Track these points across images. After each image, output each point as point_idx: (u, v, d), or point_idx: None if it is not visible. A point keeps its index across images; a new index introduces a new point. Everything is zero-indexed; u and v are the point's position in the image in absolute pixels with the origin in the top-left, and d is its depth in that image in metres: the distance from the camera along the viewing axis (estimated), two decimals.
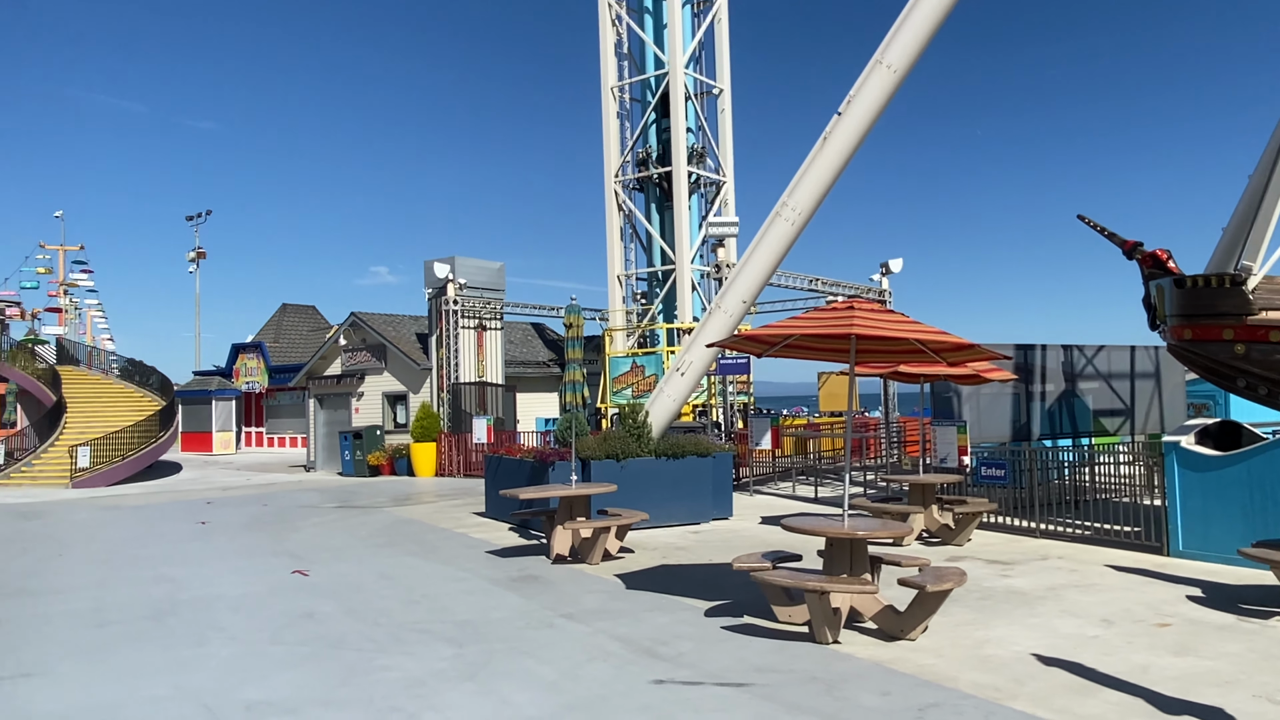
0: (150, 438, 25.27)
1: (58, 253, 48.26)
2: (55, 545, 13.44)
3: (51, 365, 31.77)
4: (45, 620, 8.58)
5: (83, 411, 27.77)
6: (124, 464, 24.10)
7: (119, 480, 23.87)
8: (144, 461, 25.00)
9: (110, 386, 31.46)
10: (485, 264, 27.39)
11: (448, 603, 9.04)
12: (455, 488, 21.21)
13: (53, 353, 34.98)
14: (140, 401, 29.76)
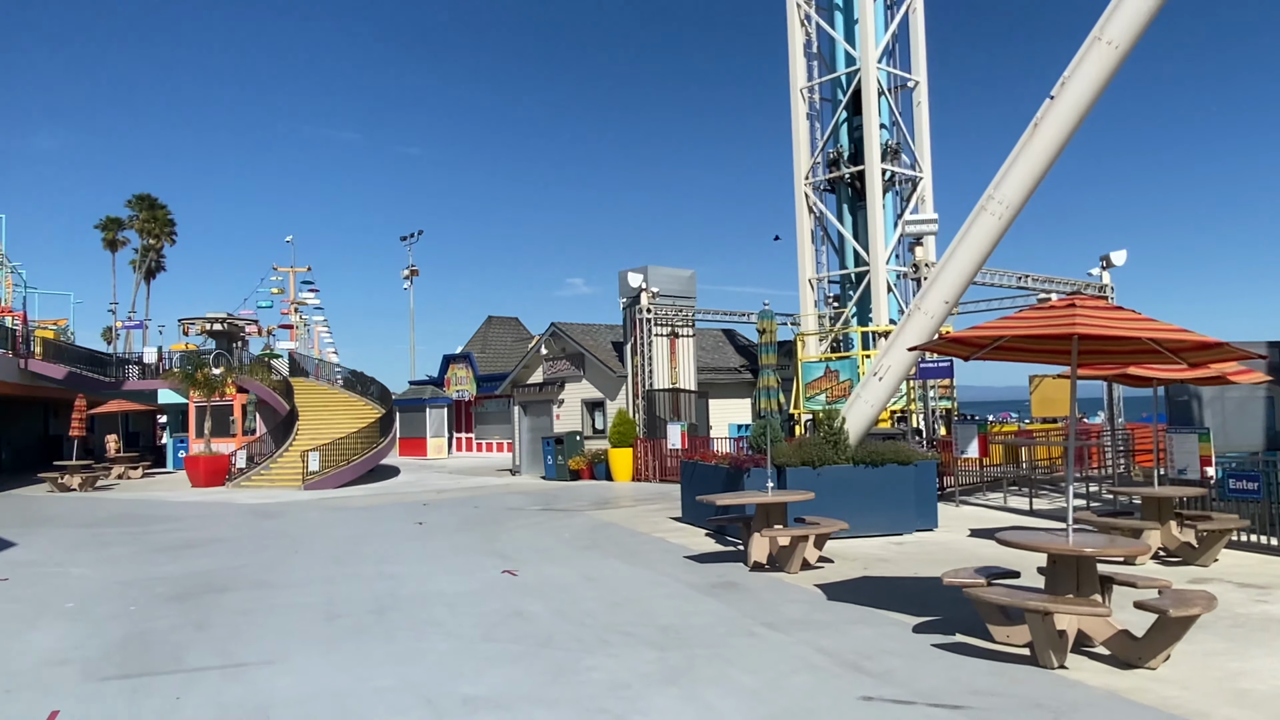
0: (372, 443, 27.26)
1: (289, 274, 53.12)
2: (290, 543, 14.72)
3: (285, 377, 34.95)
4: (283, 612, 9.39)
5: (312, 419, 30.35)
6: (349, 468, 26.12)
7: (345, 483, 25.88)
8: (367, 466, 26.99)
9: (335, 396, 34.21)
10: (677, 272, 27.68)
11: (650, 606, 9.14)
12: (651, 492, 21.52)
13: (286, 365, 38.47)
14: (362, 410, 32.16)
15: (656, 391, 25.90)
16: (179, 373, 30.68)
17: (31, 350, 35.92)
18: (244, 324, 40.47)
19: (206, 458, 27.57)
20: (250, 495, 24.11)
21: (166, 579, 11.50)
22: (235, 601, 9.94)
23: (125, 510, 20.94)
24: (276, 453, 27.95)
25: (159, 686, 6.88)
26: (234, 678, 7.05)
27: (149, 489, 27.37)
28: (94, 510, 21.08)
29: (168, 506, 21.71)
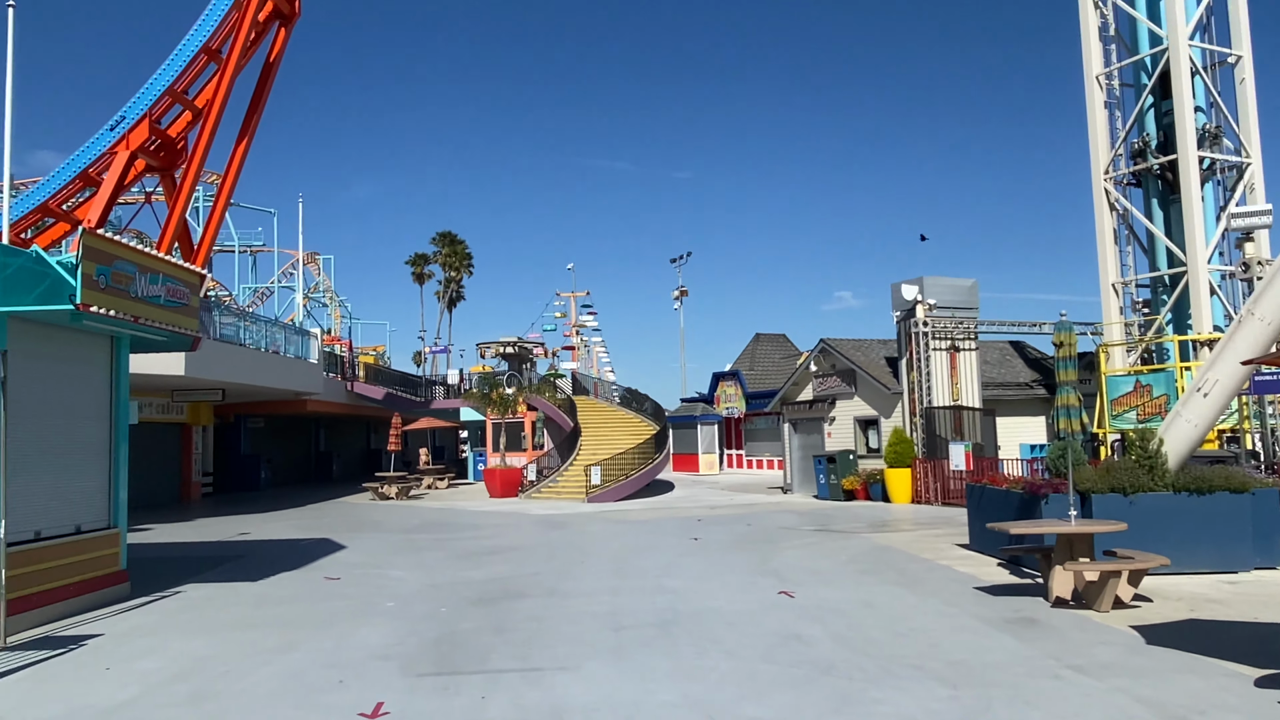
0: (648, 459, 28.18)
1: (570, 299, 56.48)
2: (577, 553, 15.47)
3: (568, 395, 37.02)
4: (574, 620, 9.84)
5: (594, 435, 31.89)
6: (627, 482, 27.16)
7: (623, 496, 26.92)
8: (643, 480, 27.92)
9: (614, 413, 35.75)
10: (955, 282, 26.27)
11: (937, 639, 8.63)
12: (933, 516, 20.46)
13: (569, 385, 40.75)
14: (638, 426, 33.35)
15: (936, 409, 24.66)
16: (477, 393, 33.42)
17: (356, 374, 40.76)
18: (532, 346, 43.38)
19: (502, 471, 29.77)
20: (540, 506, 25.68)
21: (470, 583, 12.48)
22: (531, 608, 10.57)
23: (434, 518, 23.05)
24: (562, 466, 29.61)
25: (466, 685, 7.43)
26: (532, 681, 7.46)
27: (453, 499, 30.00)
28: (408, 517, 23.40)
29: (469, 515, 23.64)
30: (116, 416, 12.37)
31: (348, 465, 47.90)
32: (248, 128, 26.85)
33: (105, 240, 10.82)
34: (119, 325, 11.34)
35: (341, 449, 47.50)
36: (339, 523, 22.28)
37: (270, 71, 26.69)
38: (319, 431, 46.07)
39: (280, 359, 28.82)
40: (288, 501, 30.30)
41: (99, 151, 24.19)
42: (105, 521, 12.06)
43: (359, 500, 30.03)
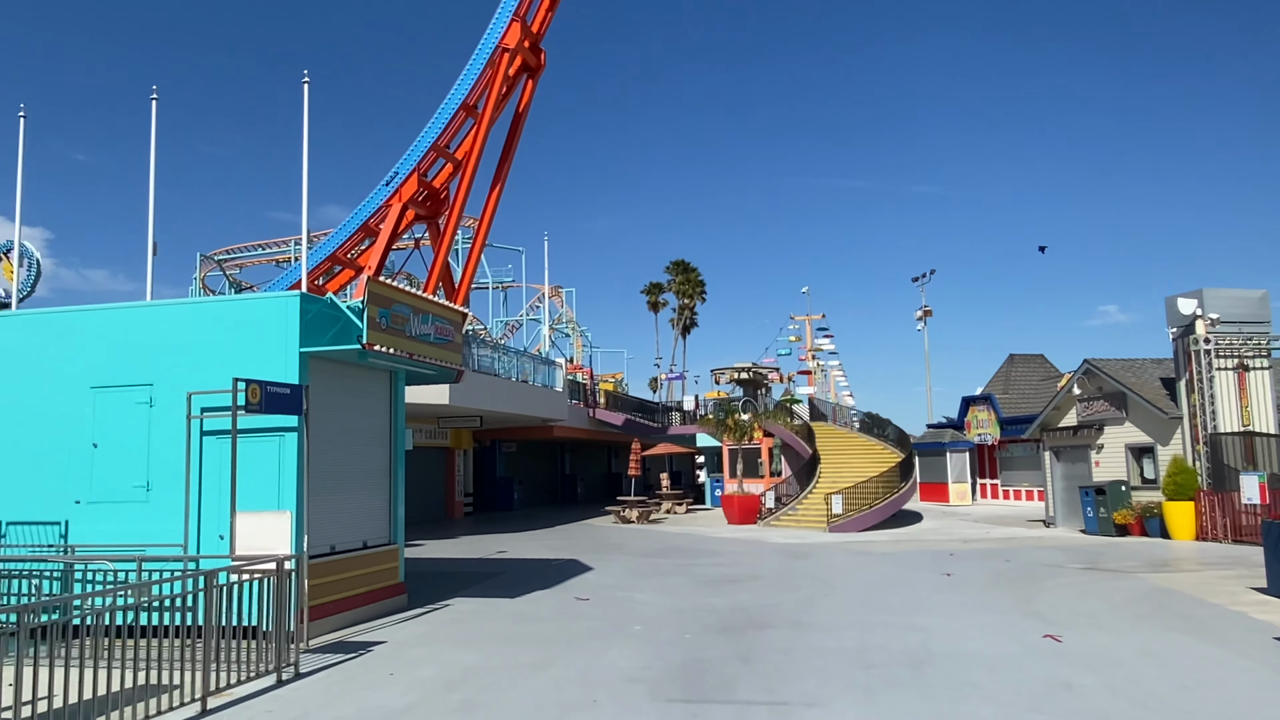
0: (892, 488, 27.30)
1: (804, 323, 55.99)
2: (820, 585, 15.26)
3: (805, 421, 36.63)
4: (820, 654, 9.72)
5: (833, 462, 31.33)
6: (871, 512, 26.43)
7: (867, 527, 26.22)
8: (888, 510, 27.06)
9: (853, 439, 34.94)
10: (1241, 294, 23.58)
11: (1230, 694, 7.77)
12: (1221, 555, 18.37)
13: (805, 410, 40.32)
14: (880, 453, 32.40)
15: (1223, 435, 22.14)
16: (713, 419, 33.83)
17: (597, 401, 42.51)
18: (766, 372, 43.35)
19: (740, 497, 29.91)
20: (779, 534, 25.55)
21: (713, 610, 12.65)
22: (775, 639, 10.56)
23: (674, 543, 23.55)
24: (801, 494, 29.31)
25: (714, 714, 7.55)
26: (780, 715, 7.46)
27: (692, 524, 30.47)
28: (650, 542, 24.04)
29: (709, 541, 23.94)
30: (395, 443, 13.70)
31: (590, 488, 49.92)
32: (500, 174, 28.92)
33: (385, 286, 12.07)
34: (397, 361, 12.57)
35: (585, 472, 49.61)
36: (585, 544, 23.27)
37: (519, 121, 28.65)
38: (564, 456, 48.40)
39: (529, 388, 30.64)
40: (538, 521, 32.03)
41: (377, 205, 26.99)
42: (387, 538, 13.35)
43: (602, 523, 31.20)
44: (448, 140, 27.23)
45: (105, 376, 11.50)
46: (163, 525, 10.96)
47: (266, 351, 11.15)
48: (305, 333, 11.25)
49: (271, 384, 10.39)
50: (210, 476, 11.05)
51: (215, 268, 47.98)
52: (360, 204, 27.56)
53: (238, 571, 9.72)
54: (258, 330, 11.27)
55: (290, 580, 10.25)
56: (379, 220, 27.52)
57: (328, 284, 28.89)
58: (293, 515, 10.73)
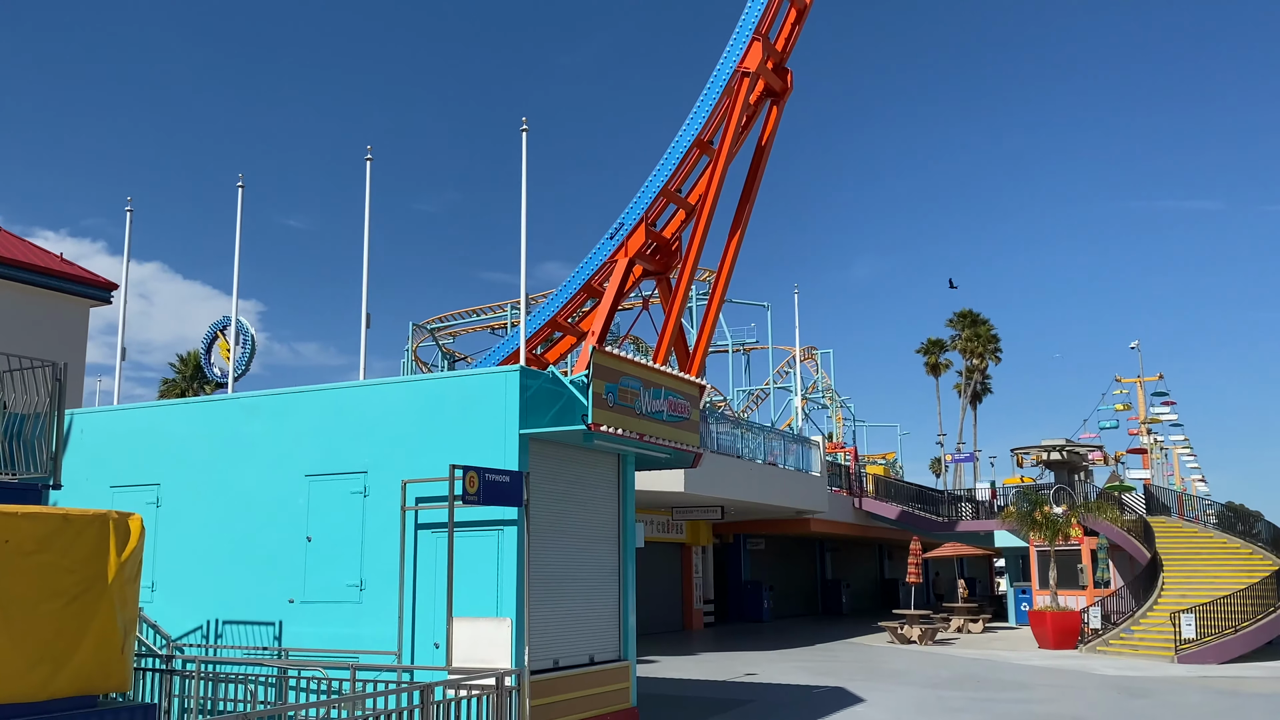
0: (1267, 605, 24.78)
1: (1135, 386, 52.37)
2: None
3: (1140, 515, 34.08)
4: None
5: (1180, 569, 28.88)
6: (1237, 638, 24.07)
7: (1232, 657, 23.89)
8: (1262, 635, 24.53)
9: (1207, 540, 32.10)
10: None
11: None
12: None
13: (1140, 501, 37.54)
14: (1247, 558, 29.57)
15: None
16: (1015, 511, 32.22)
17: (864, 488, 41.72)
18: (1085, 451, 40.94)
19: (1054, 614, 28.18)
20: (1108, 663, 23.82)
21: None
22: None
23: (968, 670, 22.51)
24: (1138, 612, 27.23)
25: None
26: None
27: (990, 646, 28.97)
28: (936, 667, 23.11)
29: (1013, 670, 22.68)
30: (625, 539, 14.14)
31: (858, 597, 48.80)
32: (740, 218, 29.60)
33: (613, 357, 12.64)
34: (626, 444, 13.04)
35: (850, 577, 48.63)
36: (854, 669, 22.72)
37: (762, 156, 29.30)
38: (824, 556, 47.75)
39: (780, 471, 30.59)
40: (794, 637, 31.60)
41: (600, 261, 28.36)
42: (616, 652, 13.71)
43: (874, 642, 30.33)
44: (679, 183, 28.24)
45: (319, 464, 12.73)
46: (376, 629, 11.87)
47: (483, 434, 11.92)
48: (525, 412, 11.94)
49: (490, 471, 11.08)
50: (425, 575, 11.86)
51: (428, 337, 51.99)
52: (582, 261, 29.04)
53: (455, 686, 10.34)
54: (474, 410, 12.09)
55: (511, 699, 10.76)
56: (603, 279, 28.82)
57: (546, 353, 30.52)
58: (513, 623, 11.29)
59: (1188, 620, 24.47)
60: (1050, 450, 38.37)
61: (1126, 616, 27.59)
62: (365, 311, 15.11)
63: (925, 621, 31.16)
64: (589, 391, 12.01)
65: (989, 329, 70.47)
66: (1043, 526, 30.38)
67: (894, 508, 40.51)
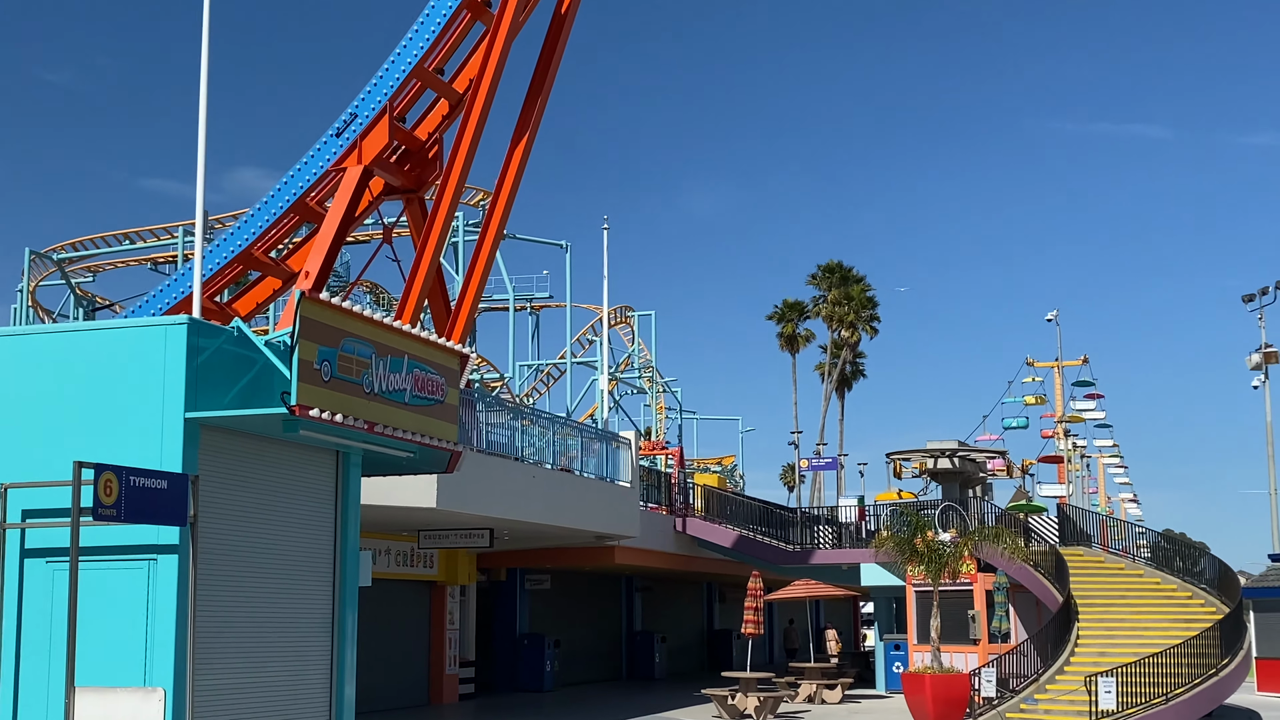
0: (1206, 666, 26.31)
1: (1052, 372, 54.93)
2: None
3: (1052, 545, 35.65)
4: None
5: (1100, 618, 30.32)
6: (1168, 709, 25.44)
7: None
8: (1200, 706, 26.00)
9: (1136, 578, 33.86)
10: None
11: None
12: None
13: (1052, 526, 39.30)
14: (1185, 603, 31.33)
15: None
16: (889, 537, 33.12)
17: (690, 505, 42.23)
18: (983, 458, 42.50)
19: (935, 677, 29.14)
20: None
21: None
22: None
23: None
24: (1044, 675, 28.42)
25: None
26: None
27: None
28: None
29: None
30: (343, 574, 13.76)
31: (678, 655, 49.40)
32: (528, 118, 29.22)
33: (333, 309, 12.22)
34: (348, 436, 12.65)
35: (668, 627, 49.16)
36: None
37: (561, 28, 28.94)
38: (633, 598, 48.10)
39: (576, 480, 30.58)
40: (587, 714, 31.74)
41: (320, 169, 27.46)
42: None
43: (696, 716, 30.82)
44: (440, 61, 27.72)
45: None
46: None
47: (129, 417, 11.39)
48: (195, 386, 11.44)
49: (138, 473, 10.55)
50: (35, 625, 11.26)
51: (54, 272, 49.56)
52: (293, 168, 28.07)
53: None
54: (117, 382, 11.52)
55: None
56: (324, 195, 28.02)
57: (236, 301, 29.45)
58: (168, 695, 10.84)
59: (1106, 686, 25.71)
60: (938, 456, 39.62)
61: (1030, 681, 28.71)
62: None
63: (765, 688, 31.79)
64: (294, 358, 11.59)
65: (864, 289, 72.47)
66: (925, 559, 31.33)
67: (730, 532, 41.16)
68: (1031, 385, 54.60)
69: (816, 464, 64.61)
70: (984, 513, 38.68)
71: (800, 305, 73.97)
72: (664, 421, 71.32)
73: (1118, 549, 37.12)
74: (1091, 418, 55.91)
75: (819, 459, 65.56)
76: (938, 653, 30.63)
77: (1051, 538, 37.75)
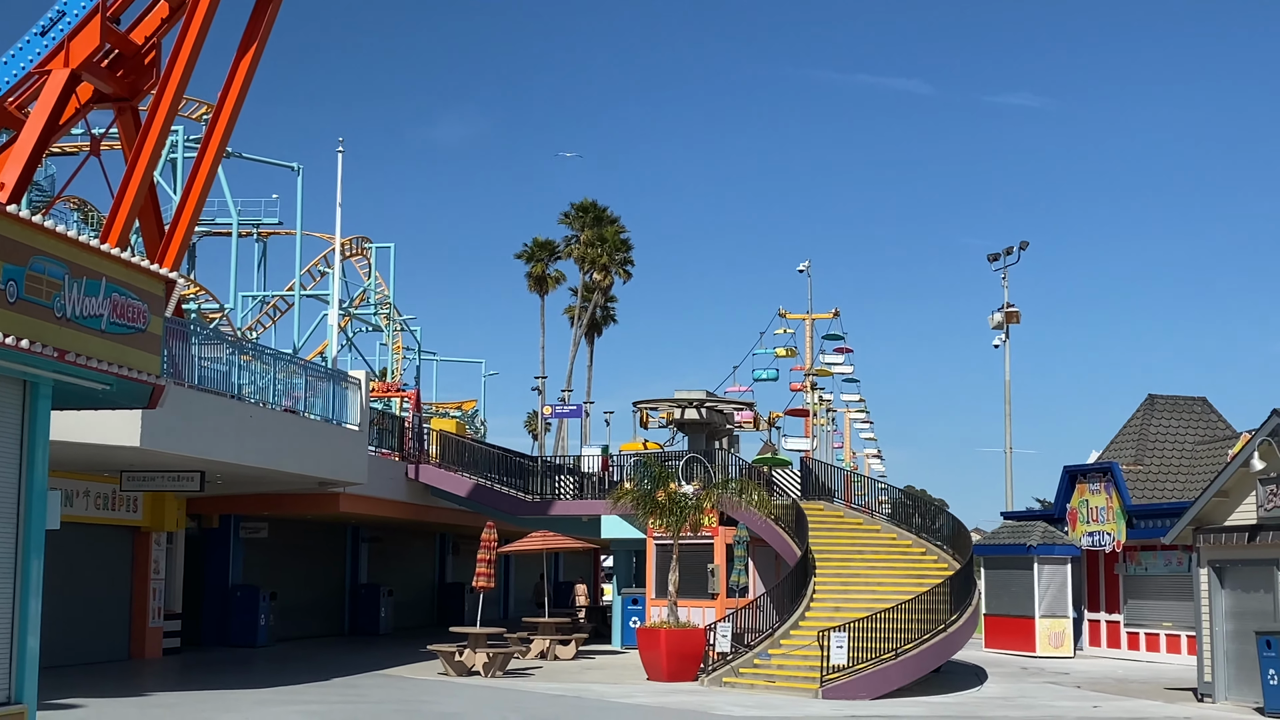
0: (936, 622, 27.55)
1: (803, 324, 56.41)
2: None
3: (794, 499, 36.74)
4: None
5: (837, 573, 31.47)
6: (896, 664, 26.60)
7: (889, 690, 26.34)
8: (927, 662, 27.24)
9: (873, 533, 35.22)
10: None
11: None
12: None
13: (795, 481, 40.50)
14: (919, 560, 32.71)
15: None
16: (632, 490, 33.66)
17: (425, 452, 42.13)
18: (731, 410, 43.46)
19: (669, 632, 29.86)
20: (735, 701, 25.57)
21: None
22: None
23: (548, 713, 23.44)
24: (779, 629, 29.32)
25: None
26: None
27: (584, 677, 30.34)
28: (504, 710, 23.91)
29: (610, 712, 23.85)
30: (28, 516, 13.34)
31: (406, 610, 49.37)
32: (257, 26, 28.64)
33: (20, 223, 11.80)
34: (36, 364, 12.27)
35: (396, 581, 49.04)
36: (387, 714, 23.05)
37: None
38: (358, 550, 47.81)
39: (300, 422, 30.20)
40: (303, 670, 31.47)
41: (21, 71, 26.47)
42: (5, 693, 12.98)
43: (422, 673, 30.92)
44: None
45: None
46: None
47: None
48: None
49: None
50: None
51: None
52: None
53: None
54: None
55: None
56: (25, 100, 27.00)
57: None
58: None
59: (839, 641, 26.73)
60: (685, 406, 40.31)
61: (765, 636, 29.65)
62: None
63: (496, 644, 32.10)
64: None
65: (618, 231, 73.19)
66: (666, 511, 31.98)
67: (467, 480, 41.21)
68: (783, 337, 55.87)
69: (561, 411, 65.14)
70: (729, 465, 39.57)
71: (551, 245, 74.18)
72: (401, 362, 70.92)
73: (859, 504, 38.49)
74: (840, 371, 57.59)
75: (564, 406, 66.13)
76: (674, 607, 31.38)
77: (794, 492, 38.88)
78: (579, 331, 74.08)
